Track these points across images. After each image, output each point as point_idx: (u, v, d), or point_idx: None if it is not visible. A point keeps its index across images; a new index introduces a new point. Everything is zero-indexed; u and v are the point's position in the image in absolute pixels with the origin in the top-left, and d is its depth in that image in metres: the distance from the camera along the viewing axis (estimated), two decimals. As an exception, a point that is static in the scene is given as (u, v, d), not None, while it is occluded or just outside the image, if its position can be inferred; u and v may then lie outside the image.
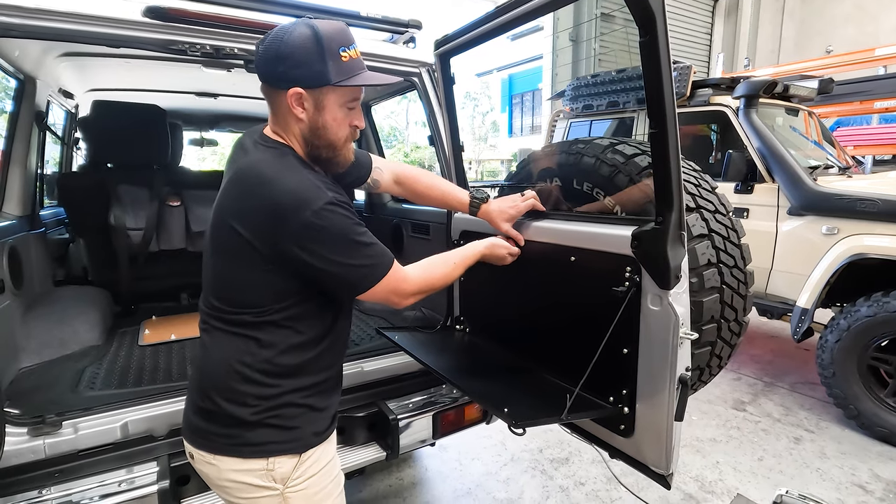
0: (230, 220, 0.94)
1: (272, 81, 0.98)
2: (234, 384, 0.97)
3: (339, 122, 1.01)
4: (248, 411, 0.97)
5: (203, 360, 1.04)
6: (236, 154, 1.07)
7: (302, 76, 0.94)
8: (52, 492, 1.28)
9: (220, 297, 1.00)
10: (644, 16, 0.93)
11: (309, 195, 0.92)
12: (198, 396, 1.02)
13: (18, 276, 1.81)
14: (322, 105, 0.98)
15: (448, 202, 1.47)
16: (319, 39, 0.93)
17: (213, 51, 1.55)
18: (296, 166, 0.98)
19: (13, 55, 1.79)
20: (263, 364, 0.97)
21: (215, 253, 1.01)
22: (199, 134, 4.11)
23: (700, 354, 1.34)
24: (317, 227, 0.91)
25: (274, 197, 0.91)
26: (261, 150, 1.00)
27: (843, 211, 2.91)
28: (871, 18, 10.54)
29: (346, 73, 0.97)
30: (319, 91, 0.97)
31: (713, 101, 3.67)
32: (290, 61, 0.93)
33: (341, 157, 1.07)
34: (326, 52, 0.94)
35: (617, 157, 1.41)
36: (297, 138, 1.02)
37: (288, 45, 0.93)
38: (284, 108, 0.98)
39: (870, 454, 2.70)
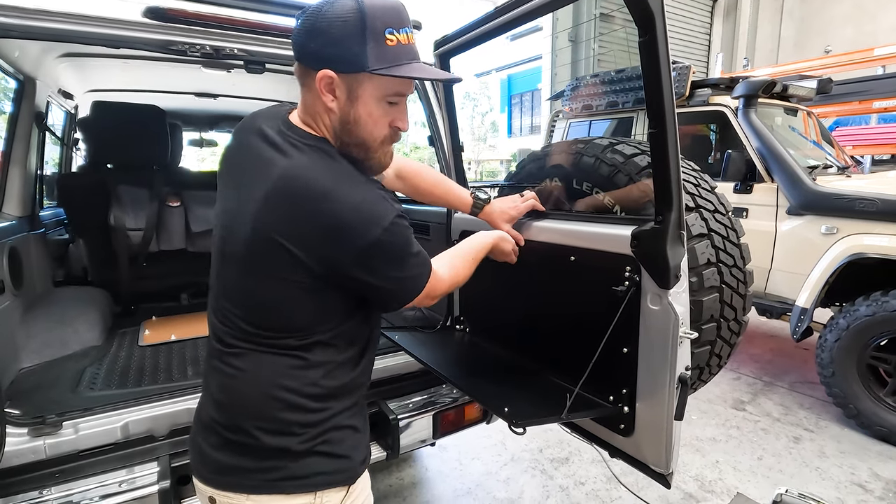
0: (279, 238, 0.79)
1: (304, 59, 0.83)
2: (276, 412, 0.85)
3: (375, 118, 0.86)
4: (294, 440, 0.85)
5: (232, 389, 0.88)
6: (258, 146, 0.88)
7: (335, 57, 0.79)
8: (52, 492, 1.28)
9: (258, 323, 0.85)
10: (643, 16, 0.93)
11: (377, 210, 0.80)
12: (225, 430, 0.87)
13: (18, 277, 1.81)
14: (355, 95, 0.83)
15: (450, 201, 1.45)
16: (362, 15, 0.77)
17: (213, 51, 1.55)
18: (352, 173, 0.85)
19: (13, 56, 1.79)
20: (310, 387, 0.86)
21: (251, 273, 0.84)
22: (198, 134, 4.11)
23: (700, 353, 1.34)
24: (385, 245, 0.81)
25: (338, 215, 0.78)
26: (302, 152, 0.83)
27: (842, 210, 2.91)
28: (869, 18, 10.56)
29: (390, 60, 0.80)
30: (354, 78, 0.81)
31: (712, 101, 3.68)
32: (324, 37, 0.79)
33: (375, 161, 0.91)
34: (368, 32, 0.77)
35: (616, 157, 1.41)
36: (328, 131, 0.88)
37: (325, 17, 0.78)
38: (314, 94, 0.84)
39: (869, 453, 2.71)
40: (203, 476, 0.90)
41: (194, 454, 0.93)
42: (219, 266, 0.91)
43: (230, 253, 0.87)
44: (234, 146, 0.96)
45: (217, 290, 0.91)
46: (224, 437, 0.87)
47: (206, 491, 0.90)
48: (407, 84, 0.87)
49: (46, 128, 2.33)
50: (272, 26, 1.64)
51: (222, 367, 0.89)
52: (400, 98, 0.87)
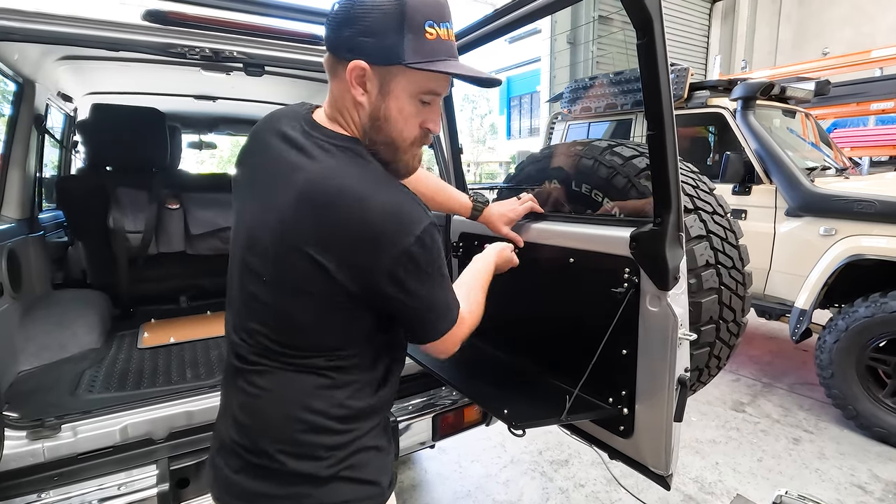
0: (309, 249, 0.73)
1: (335, 49, 0.78)
2: (300, 434, 0.79)
3: (405, 116, 0.80)
4: (321, 465, 0.80)
5: (255, 410, 0.82)
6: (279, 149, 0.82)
7: (368, 47, 0.74)
8: (51, 495, 1.28)
9: (285, 341, 0.80)
10: (641, 18, 0.93)
11: (411, 216, 0.74)
12: (247, 452, 0.82)
13: (17, 280, 1.81)
14: (388, 89, 0.77)
15: (451, 207, 1.44)
16: (403, 5, 0.72)
17: (212, 54, 1.55)
18: (385, 176, 0.79)
19: (12, 58, 1.79)
20: (336, 408, 0.80)
21: (279, 288, 0.78)
22: (197, 137, 4.11)
23: (699, 355, 1.34)
24: (415, 257, 0.74)
25: (372, 222, 0.72)
26: (331, 154, 0.78)
27: (840, 212, 2.91)
28: (868, 20, 10.60)
29: (427, 54, 0.75)
30: (387, 71, 0.76)
31: (711, 103, 3.69)
32: (359, 26, 0.74)
33: (402, 163, 0.85)
34: (407, 23, 0.73)
35: (615, 159, 1.41)
36: (357, 127, 0.82)
37: (363, 6, 0.73)
38: (344, 86, 0.79)
39: (869, 454, 2.71)
40: (224, 501, 0.85)
41: (215, 477, 0.88)
42: (241, 279, 0.85)
43: (254, 266, 0.81)
44: (251, 150, 0.90)
45: (238, 305, 0.86)
46: (245, 460, 0.82)
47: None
48: (443, 82, 0.81)
49: (46, 130, 2.33)
50: (271, 29, 1.64)
51: (244, 385, 0.84)
52: (434, 97, 0.82)
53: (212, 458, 0.91)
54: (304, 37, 1.71)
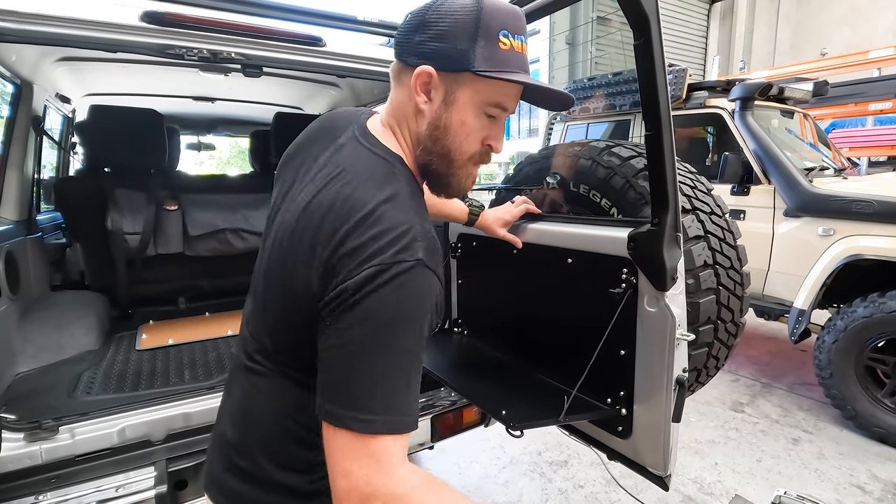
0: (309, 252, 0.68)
1: (403, 54, 0.75)
2: (285, 444, 0.77)
3: (467, 128, 0.75)
4: (303, 479, 0.77)
5: (249, 409, 0.81)
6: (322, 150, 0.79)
7: (438, 52, 0.70)
8: (48, 497, 1.27)
9: (275, 342, 0.77)
10: (638, 19, 0.93)
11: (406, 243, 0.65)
12: (235, 452, 0.80)
13: (15, 281, 1.80)
14: (453, 98, 0.73)
15: (449, 213, 1.45)
16: (479, 11, 0.69)
17: (211, 55, 1.55)
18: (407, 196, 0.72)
19: (10, 60, 1.79)
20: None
21: (280, 289, 0.75)
22: (196, 138, 4.11)
23: (697, 356, 1.34)
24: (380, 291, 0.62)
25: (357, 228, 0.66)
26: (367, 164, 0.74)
27: (838, 212, 2.92)
28: (865, 21, 10.62)
29: (499, 64, 0.70)
30: (455, 78, 0.72)
31: (709, 104, 3.69)
32: (431, 31, 0.71)
33: (455, 180, 0.79)
34: (481, 30, 0.69)
35: (613, 160, 1.41)
36: (412, 137, 0.78)
37: (436, 11, 0.71)
38: (407, 93, 0.75)
39: (868, 455, 2.71)
40: (213, 496, 0.85)
41: (207, 468, 0.87)
42: (258, 275, 0.83)
43: (270, 264, 0.79)
44: (302, 146, 0.87)
45: (254, 301, 0.84)
46: (231, 460, 0.81)
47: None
48: (511, 97, 0.76)
49: (44, 132, 2.32)
50: (269, 30, 1.64)
51: (245, 382, 0.82)
52: (500, 112, 0.76)
53: (209, 449, 0.90)
54: (301, 38, 1.71)
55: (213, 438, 0.89)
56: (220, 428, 0.86)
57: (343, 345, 0.63)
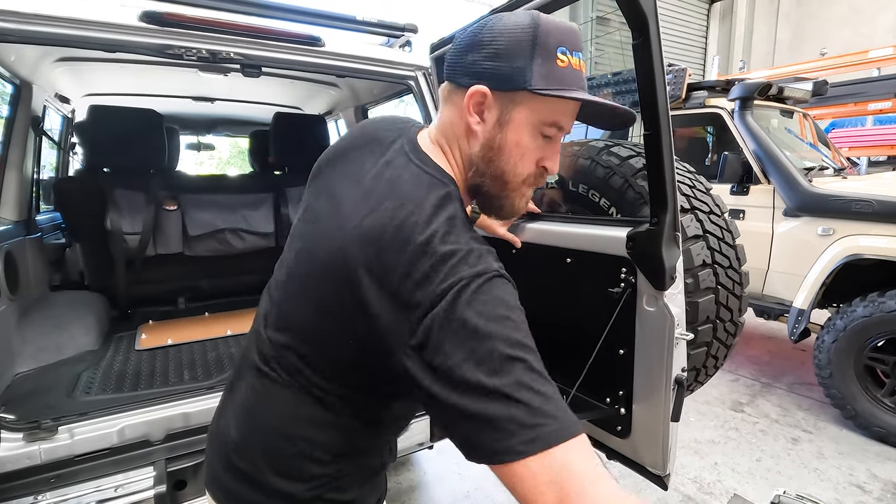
0: (360, 275, 0.63)
1: (454, 75, 0.73)
2: (290, 460, 0.75)
3: (522, 149, 0.72)
4: (302, 487, 0.75)
5: (253, 413, 0.79)
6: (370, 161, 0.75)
7: (492, 71, 0.68)
8: (47, 497, 1.28)
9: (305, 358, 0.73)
10: (636, 18, 0.93)
11: (471, 255, 0.63)
12: (235, 453, 0.79)
13: (14, 281, 1.80)
14: (508, 118, 0.70)
15: None
16: (536, 28, 0.67)
17: (210, 55, 1.55)
18: (461, 215, 0.69)
19: (9, 60, 1.79)
20: (336, 447, 0.76)
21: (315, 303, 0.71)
22: (196, 138, 4.11)
23: (696, 355, 1.34)
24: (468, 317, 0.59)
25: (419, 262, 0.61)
26: (421, 188, 0.69)
27: (838, 212, 2.92)
28: (865, 20, 10.62)
29: (557, 82, 0.68)
30: (510, 97, 0.69)
31: (708, 104, 3.69)
32: (486, 50, 0.68)
33: (508, 202, 0.77)
34: (538, 47, 0.67)
35: (612, 159, 1.41)
36: (461, 157, 0.75)
37: (490, 31, 0.69)
38: (458, 113, 0.73)
39: (867, 454, 2.71)
40: (212, 491, 0.83)
41: (207, 465, 0.86)
42: (289, 285, 0.78)
43: (311, 276, 0.73)
44: (341, 154, 0.83)
45: (278, 308, 0.79)
46: (231, 460, 0.79)
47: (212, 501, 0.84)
48: (568, 115, 0.73)
49: (43, 132, 2.32)
50: (268, 30, 1.64)
51: (257, 384, 0.79)
52: (557, 132, 0.74)
53: (207, 447, 0.88)
54: (300, 38, 1.71)
55: (212, 434, 0.87)
56: (221, 424, 0.84)
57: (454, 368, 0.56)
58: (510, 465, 0.53)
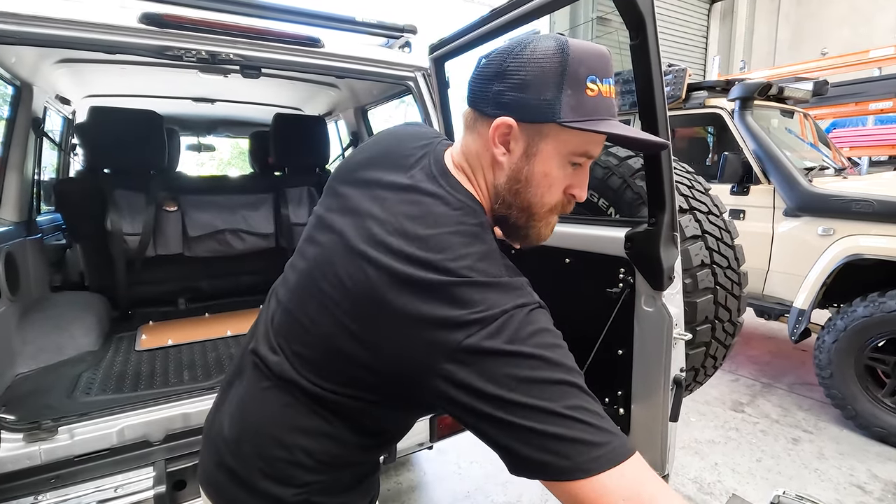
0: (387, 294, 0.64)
1: (478, 104, 0.71)
2: (278, 460, 0.74)
3: (551, 180, 0.71)
4: (290, 492, 0.74)
5: (250, 415, 0.78)
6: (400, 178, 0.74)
7: (519, 103, 0.66)
8: (47, 498, 1.28)
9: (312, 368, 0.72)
10: (634, 19, 0.94)
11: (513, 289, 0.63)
12: (227, 452, 0.78)
13: (15, 282, 1.81)
14: (535, 150, 0.69)
15: None
16: (565, 57, 0.65)
17: (210, 56, 1.56)
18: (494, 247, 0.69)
19: (9, 62, 1.80)
20: (327, 457, 0.75)
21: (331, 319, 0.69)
22: (196, 139, 4.12)
23: (695, 355, 1.34)
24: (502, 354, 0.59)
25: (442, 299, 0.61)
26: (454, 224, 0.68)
27: (838, 212, 2.92)
28: (865, 20, 10.61)
29: (587, 113, 0.66)
30: (538, 129, 0.67)
31: (708, 104, 3.69)
32: (512, 80, 0.66)
33: (534, 231, 0.77)
34: (567, 77, 0.65)
35: (610, 160, 1.41)
36: (486, 187, 0.74)
37: (518, 59, 0.66)
38: (483, 143, 0.71)
39: (868, 454, 2.71)
40: (204, 486, 0.84)
41: (201, 462, 0.86)
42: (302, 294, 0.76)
43: (326, 289, 0.72)
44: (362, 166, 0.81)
45: (287, 316, 0.77)
46: (222, 458, 0.79)
47: (206, 499, 0.84)
48: (598, 143, 0.71)
49: (44, 133, 2.33)
50: (268, 31, 1.64)
51: (255, 389, 0.78)
52: (586, 160, 0.72)
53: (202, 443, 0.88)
54: (300, 39, 1.71)
55: (207, 430, 0.86)
56: (216, 421, 0.84)
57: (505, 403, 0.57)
58: (581, 483, 0.55)
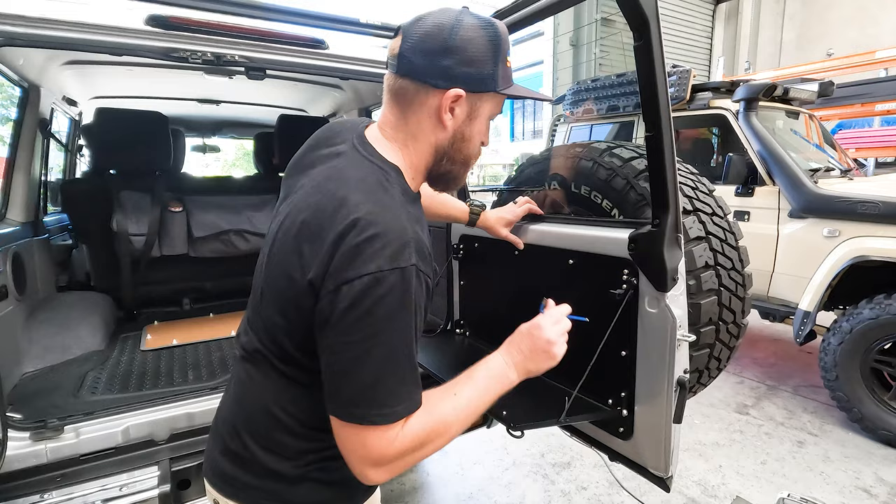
0: (300, 248, 0.74)
1: (427, 76, 0.78)
2: (275, 433, 0.81)
3: (480, 135, 0.86)
4: (288, 465, 0.81)
5: (241, 396, 0.87)
6: (322, 158, 0.85)
7: (470, 76, 0.78)
8: (53, 496, 1.29)
9: (269, 335, 0.81)
10: (638, 20, 0.94)
11: (394, 248, 0.69)
12: (228, 435, 0.86)
13: (22, 282, 1.82)
14: (476, 113, 0.83)
15: (450, 214, 1.47)
16: (497, 37, 0.79)
17: (215, 58, 1.57)
18: (398, 202, 0.76)
19: (17, 64, 1.81)
20: (308, 417, 0.81)
21: (271, 281, 0.80)
22: (201, 140, 4.14)
23: (698, 357, 1.34)
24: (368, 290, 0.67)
25: (347, 231, 0.69)
26: (360, 170, 0.78)
27: (844, 213, 2.90)
28: (872, 21, 10.55)
29: (507, 81, 0.83)
30: (479, 97, 0.81)
31: (713, 105, 3.68)
32: (460, 56, 0.76)
33: (461, 178, 0.92)
34: (500, 54, 0.79)
35: (614, 161, 1.41)
36: (427, 150, 0.84)
37: (460, 37, 0.76)
38: (428, 112, 0.80)
39: (874, 457, 2.69)
40: (210, 477, 0.90)
41: (206, 455, 0.93)
42: (258, 272, 0.88)
43: (269, 260, 0.83)
44: (304, 156, 0.92)
45: (254, 296, 0.88)
46: (225, 444, 0.86)
47: (211, 492, 0.90)
48: (502, 104, 0.88)
49: (50, 134, 2.35)
50: (273, 33, 1.65)
51: (241, 373, 0.88)
52: (496, 115, 0.89)
53: (209, 436, 0.94)
54: (304, 40, 1.72)
55: (213, 424, 0.94)
56: (219, 416, 0.92)
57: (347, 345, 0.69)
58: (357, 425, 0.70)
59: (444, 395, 0.80)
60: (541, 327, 0.90)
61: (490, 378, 0.87)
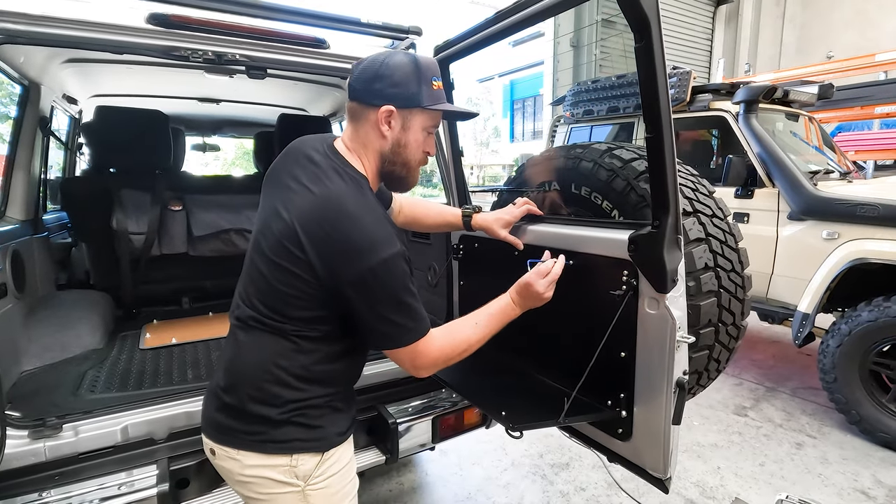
0: (303, 242, 0.94)
1: (366, 98, 1.02)
2: (266, 385, 1.00)
3: (418, 143, 1.07)
4: (275, 411, 1.00)
5: (235, 358, 1.05)
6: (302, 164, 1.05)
7: (397, 95, 1.01)
8: (52, 494, 1.29)
9: (266, 304, 1.00)
10: (638, 21, 0.94)
11: (383, 242, 0.94)
12: (223, 393, 1.04)
13: (21, 280, 1.82)
14: (409, 125, 1.05)
15: (447, 221, 1.52)
16: (418, 65, 1.02)
17: (216, 57, 1.57)
18: (375, 206, 1.01)
19: (18, 61, 1.81)
20: (299, 370, 1.00)
21: (271, 261, 1.00)
22: (201, 139, 4.13)
23: (698, 358, 1.34)
24: (379, 275, 0.94)
25: (351, 237, 0.93)
26: (343, 179, 1.01)
27: (843, 216, 2.90)
28: (872, 24, 10.57)
29: (435, 100, 1.05)
30: (409, 112, 1.03)
31: (713, 107, 3.69)
32: (388, 80, 1.00)
33: (411, 178, 1.13)
34: (422, 78, 1.02)
35: (614, 162, 1.41)
36: (374, 156, 1.07)
37: (388, 66, 1.00)
38: (370, 125, 1.04)
39: (872, 460, 2.69)
40: (206, 432, 1.08)
41: (203, 414, 1.11)
42: (251, 254, 1.07)
43: (262, 244, 1.03)
44: (283, 163, 1.11)
45: (245, 275, 1.08)
46: (222, 401, 1.04)
47: (208, 443, 1.08)
48: (439, 119, 1.10)
49: (51, 132, 2.34)
50: (273, 32, 1.65)
51: (234, 340, 1.06)
52: (434, 129, 1.10)
53: (204, 400, 1.12)
54: (305, 40, 1.72)
55: (207, 391, 1.12)
56: (214, 380, 1.10)
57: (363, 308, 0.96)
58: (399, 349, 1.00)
59: (465, 318, 1.14)
60: (531, 284, 1.16)
61: (500, 310, 1.16)
